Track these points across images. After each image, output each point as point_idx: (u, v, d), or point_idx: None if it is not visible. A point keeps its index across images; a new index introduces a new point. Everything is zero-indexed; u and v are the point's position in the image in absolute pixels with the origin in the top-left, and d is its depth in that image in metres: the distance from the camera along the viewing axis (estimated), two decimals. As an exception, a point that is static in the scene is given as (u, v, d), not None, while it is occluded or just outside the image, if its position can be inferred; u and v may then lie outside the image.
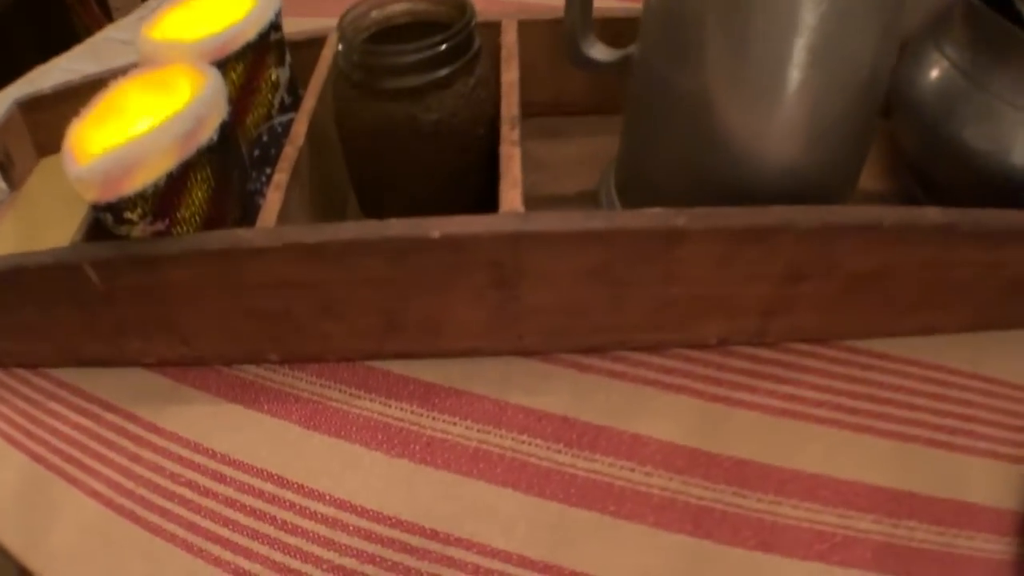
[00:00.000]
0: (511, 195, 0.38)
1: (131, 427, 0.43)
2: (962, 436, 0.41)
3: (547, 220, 0.36)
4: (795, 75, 0.37)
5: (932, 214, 0.39)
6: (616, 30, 0.47)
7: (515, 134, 0.40)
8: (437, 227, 0.36)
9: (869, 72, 0.38)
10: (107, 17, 1.37)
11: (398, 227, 0.37)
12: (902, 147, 0.51)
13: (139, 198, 0.37)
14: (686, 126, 0.40)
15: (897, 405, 0.42)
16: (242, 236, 0.38)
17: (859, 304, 0.43)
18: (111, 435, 0.43)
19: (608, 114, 0.48)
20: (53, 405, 0.45)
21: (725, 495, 0.39)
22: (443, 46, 0.38)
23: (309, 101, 0.44)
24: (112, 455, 0.42)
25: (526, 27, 0.48)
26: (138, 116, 0.40)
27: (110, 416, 0.44)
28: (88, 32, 1.26)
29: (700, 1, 0.37)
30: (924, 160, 0.50)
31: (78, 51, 0.85)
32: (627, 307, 0.40)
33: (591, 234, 0.36)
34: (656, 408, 0.41)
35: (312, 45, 0.50)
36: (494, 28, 0.48)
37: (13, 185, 0.60)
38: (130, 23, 0.85)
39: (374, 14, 0.42)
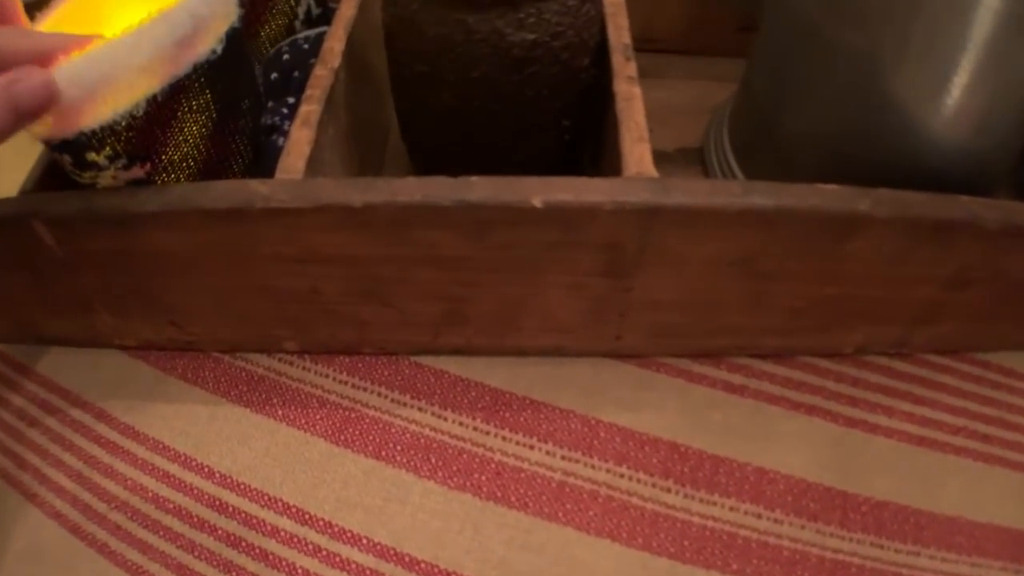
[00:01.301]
0: (637, 151, 0.25)
1: (103, 430, 0.30)
2: None
3: (692, 191, 0.24)
4: (983, 33, 0.25)
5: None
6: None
7: (632, 67, 0.27)
8: (540, 192, 0.23)
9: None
10: None
11: (484, 189, 0.24)
12: None
13: (108, 133, 0.23)
14: (845, 84, 0.28)
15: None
16: (256, 190, 0.24)
17: (1007, 314, 0.32)
18: (78, 439, 0.30)
19: (708, 55, 0.36)
20: (5, 393, 0.31)
21: (863, 546, 0.28)
22: (550, -65, 0.24)
23: (347, 9, 0.30)
24: (79, 465, 0.29)
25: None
26: (117, 9, 0.26)
27: (76, 413, 0.31)
28: None
29: None
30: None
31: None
32: (764, 306, 0.28)
33: (750, 213, 0.24)
34: (784, 433, 0.29)
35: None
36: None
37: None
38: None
39: None
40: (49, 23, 0.26)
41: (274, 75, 0.31)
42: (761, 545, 0.27)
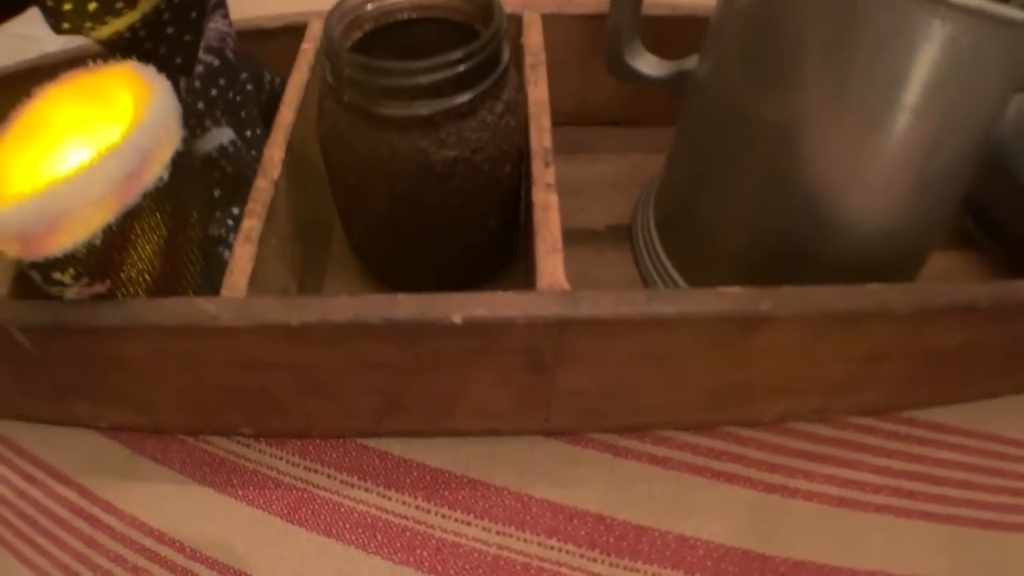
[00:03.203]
0: (551, 263, 0.28)
1: (85, 505, 0.33)
2: (1014, 513, 0.34)
3: (600, 303, 0.27)
4: (906, 118, 0.27)
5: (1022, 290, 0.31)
6: (659, 31, 0.36)
7: (550, 174, 0.30)
8: (459, 309, 0.27)
9: (986, 125, 0.29)
10: None
11: (408, 307, 0.27)
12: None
13: (69, 258, 0.26)
14: (763, 165, 0.30)
15: (953, 484, 0.35)
16: (204, 310, 0.27)
17: (930, 378, 0.34)
18: (63, 512, 0.33)
19: (643, 126, 0.38)
20: None
21: (781, 604, 0.31)
22: (463, 65, 0.27)
23: (287, 115, 0.33)
24: (65, 536, 0.33)
25: (552, 23, 0.37)
26: (68, 135, 0.29)
27: (61, 489, 0.34)
28: None
29: (799, 13, 0.27)
30: (989, 196, 0.41)
31: (30, 14, 0.70)
32: (681, 390, 0.31)
33: (654, 320, 0.27)
34: (704, 502, 0.33)
35: (288, 34, 0.38)
36: (513, 23, 0.37)
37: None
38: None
39: (370, 8, 0.31)
40: (4, 143, 0.29)
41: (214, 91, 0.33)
42: (682, 609, 0.31)
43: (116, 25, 0.34)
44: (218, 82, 0.33)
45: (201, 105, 0.33)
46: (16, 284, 0.32)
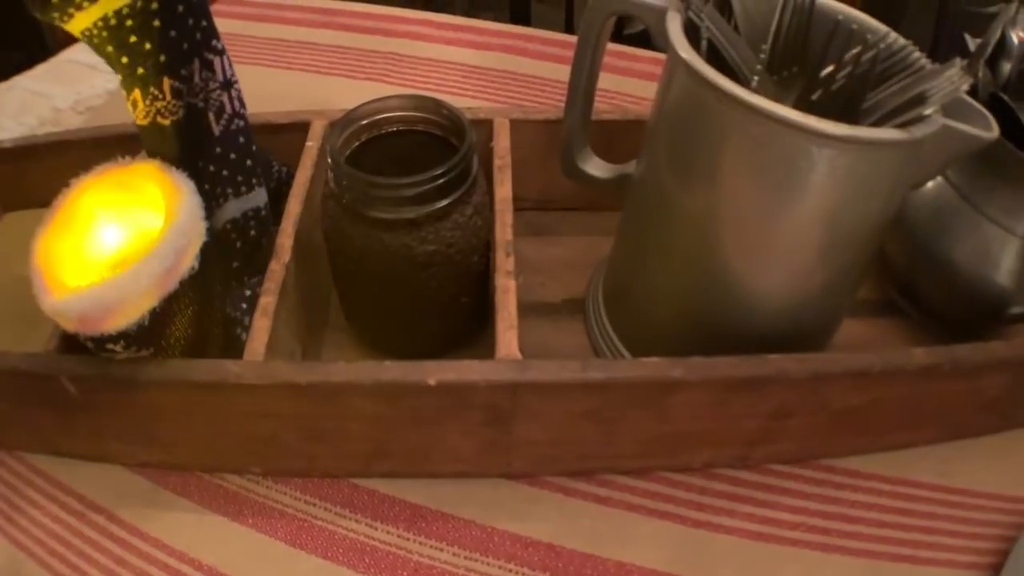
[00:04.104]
0: (507, 337, 0.37)
1: (115, 529, 0.42)
2: (926, 549, 0.43)
3: (544, 370, 0.36)
4: (798, 228, 0.37)
5: (918, 356, 0.40)
6: (610, 135, 0.47)
7: (510, 262, 0.40)
8: (433, 374, 0.36)
9: (874, 224, 0.39)
10: None
11: (393, 371, 0.36)
12: (887, 253, 0.52)
13: (121, 335, 0.36)
14: (681, 253, 0.40)
15: (867, 523, 0.44)
16: (230, 370, 0.37)
17: (840, 431, 0.44)
18: (95, 535, 0.42)
19: (598, 211, 0.48)
20: (31, 493, 0.44)
21: (706, 620, 0.40)
22: (442, 179, 0.37)
23: (295, 206, 0.43)
24: (97, 555, 0.42)
25: (518, 127, 0.48)
26: (111, 230, 0.39)
27: (93, 515, 0.43)
28: (53, 32, 1.18)
29: (710, 131, 0.36)
30: (909, 270, 0.51)
31: (42, 70, 0.81)
32: (617, 440, 0.40)
33: (588, 384, 0.37)
34: (640, 534, 0.42)
35: (294, 129, 0.48)
36: (484, 126, 0.47)
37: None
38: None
39: (364, 122, 0.41)
40: (50, 230, 0.38)
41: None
42: (618, 623, 0.40)
43: (103, 6, 0.37)
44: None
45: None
46: (62, 340, 0.42)
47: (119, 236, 0.38)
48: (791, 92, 0.39)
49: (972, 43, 0.48)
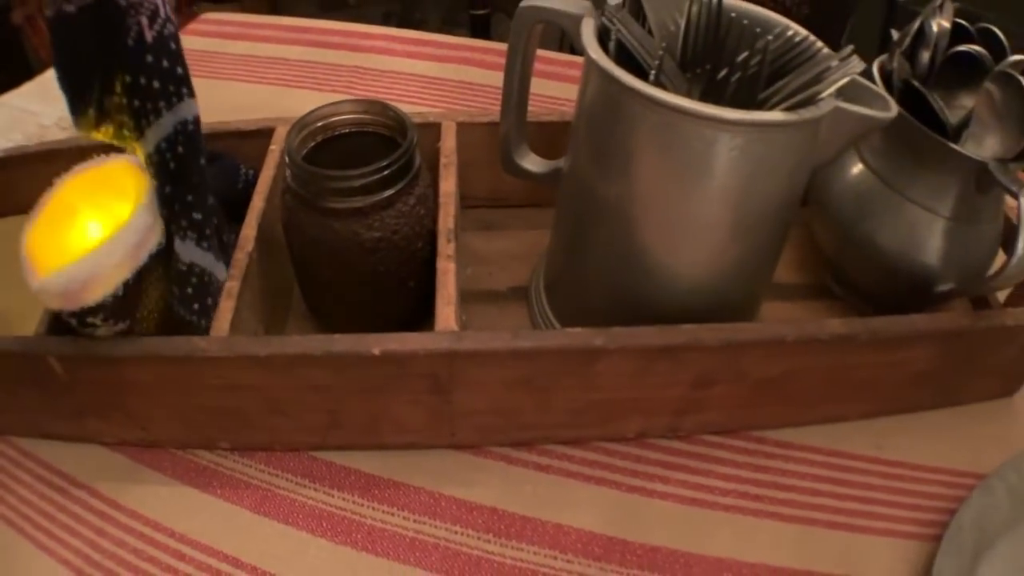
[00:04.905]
0: (445, 312, 0.44)
1: (95, 502, 0.49)
2: (861, 517, 0.49)
3: (478, 339, 0.43)
4: (707, 209, 0.44)
5: (832, 326, 0.47)
6: (551, 133, 0.54)
7: (451, 248, 0.47)
8: (377, 344, 0.43)
9: (781, 202, 0.45)
10: None
11: (341, 343, 0.43)
12: (818, 241, 0.59)
13: (99, 307, 0.42)
14: (606, 239, 0.47)
15: (800, 491, 0.50)
16: (197, 344, 0.44)
17: (766, 401, 0.50)
18: (77, 509, 0.49)
19: (542, 207, 0.55)
20: (19, 473, 0.50)
21: (639, 577, 0.46)
22: (386, 171, 0.44)
23: (258, 202, 0.50)
24: (79, 527, 0.48)
25: (465, 129, 0.55)
26: (88, 216, 0.46)
27: (75, 491, 0.49)
28: (37, 53, 1.29)
29: (622, 123, 0.43)
30: (838, 255, 0.58)
31: (27, 89, 0.90)
32: (552, 409, 0.47)
33: (518, 352, 0.43)
34: (578, 499, 0.48)
35: (260, 136, 0.56)
36: (433, 129, 0.54)
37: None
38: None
39: (319, 124, 0.48)
40: (37, 222, 0.45)
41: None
42: (556, 579, 0.46)
43: None
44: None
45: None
46: (50, 325, 0.48)
47: (97, 224, 0.45)
48: (701, 87, 0.46)
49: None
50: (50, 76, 0.92)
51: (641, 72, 0.43)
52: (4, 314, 0.58)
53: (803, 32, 0.46)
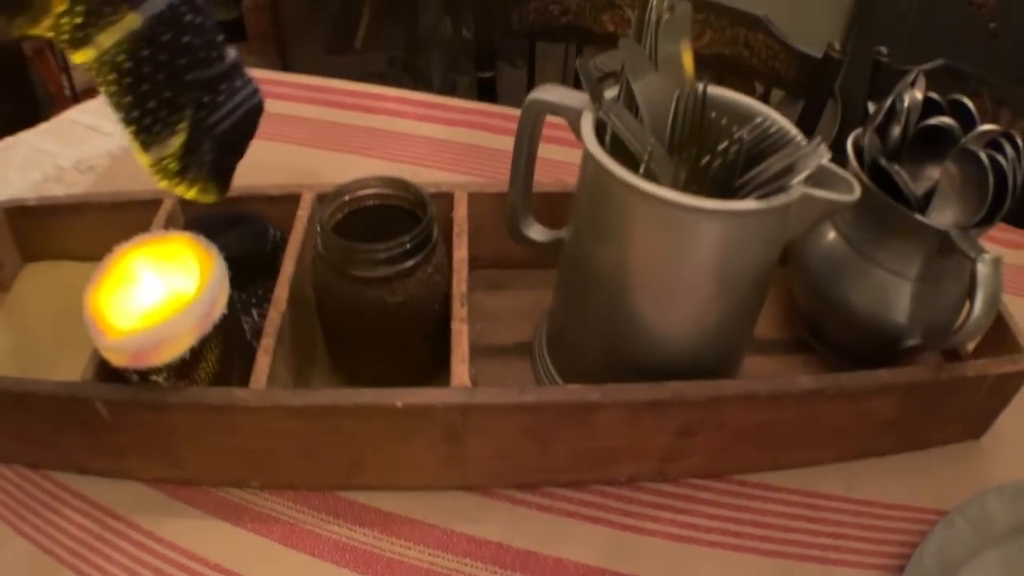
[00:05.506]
0: (460, 370, 0.52)
1: (133, 533, 0.56)
2: (833, 551, 0.57)
3: (489, 394, 0.51)
4: (690, 279, 0.52)
5: (803, 382, 0.55)
6: (552, 204, 0.63)
7: (464, 311, 0.55)
8: (400, 398, 0.51)
9: (755, 274, 0.54)
10: (64, 72, 1.48)
11: (368, 396, 0.51)
12: (796, 299, 0.67)
13: (165, 367, 0.50)
14: (602, 302, 0.55)
15: (777, 528, 0.58)
16: (238, 396, 0.52)
17: (745, 448, 0.58)
18: (114, 539, 0.56)
19: (544, 268, 0.63)
20: (56, 505, 0.57)
21: (629, 609, 0.54)
22: (409, 244, 0.52)
23: (288, 266, 0.58)
24: (118, 556, 0.55)
25: (475, 198, 0.63)
26: (149, 284, 0.54)
27: (112, 522, 0.56)
28: (45, 86, 1.37)
29: (612, 204, 0.52)
30: (814, 313, 0.66)
31: (44, 129, 0.97)
32: (553, 455, 0.55)
33: (524, 406, 0.51)
34: (576, 536, 0.56)
35: (287, 200, 0.64)
36: (447, 198, 0.63)
37: (0, 287, 0.72)
38: (96, 107, 0.98)
39: (347, 198, 0.56)
40: (99, 286, 0.53)
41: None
42: (555, 607, 0.54)
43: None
44: None
45: None
46: (97, 371, 0.55)
47: (156, 290, 0.53)
48: (687, 169, 0.55)
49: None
50: (66, 118, 1.01)
51: (634, 156, 0.51)
52: (37, 348, 0.66)
53: (779, 121, 0.54)
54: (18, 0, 0.45)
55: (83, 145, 0.94)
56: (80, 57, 0.49)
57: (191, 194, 0.54)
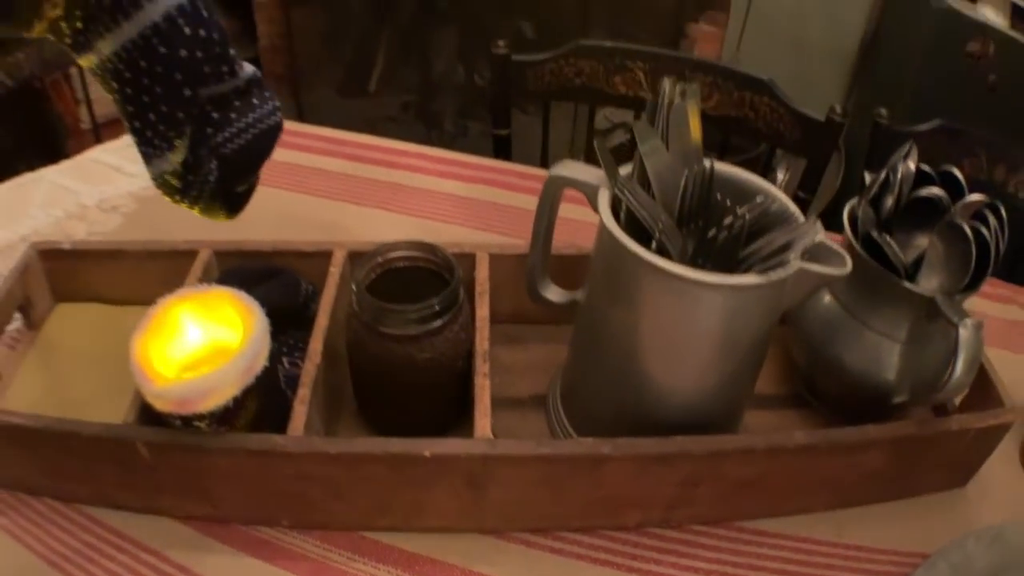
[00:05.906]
0: (482, 423, 0.58)
1: (165, 567, 0.61)
2: None
3: (508, 446, 0.57)
4: (694, 342, 0.59)
5: (797, 437, 0.61)
6: (567, 266, 0.69)
7: (486, 367, 0.61)
8: (427, 447, 0.57)
9: (753, 339, 0.60)
10: (82, 104, 1.55)
11: (398, 445, 0.57)
12: (793, 357, 0.74)
13: (208, 415, 0.56)
14: (613, 360, 0.61)
15: (772, 572, 0.63)
16: (277, 442, 0.57)
17: (743, 497, 0.64)
18: (148, 572, 0.61)
19: (559, 324, 0.69)
20: (88, 538, 0.62)
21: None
22: (437, 307, 0.59)
23: (323, 319, 0.64)
24: None
25: (496, 259, 0.70)
26: (192, 334, 0.60)
27: (145, 556, 0.62)
28: (62, 119, 1.44)
29: (624, 270, 0.58)
30: (810, 371, 0.72)
31: (66, 167, 1.03)
32: (565, 502, 0.61)
33: (540, 457, 0.57)
34: (584, 578, 0.62)
35: (319, 256, 0.70)
36: (469, 258, 0.69)
37: (32, 326, 0.78)
38: (119, 147, 1.04)
39: (379, 259, 0.63)
40: (145, 334, 0.59)
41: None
42: (564, 644, 0.59)
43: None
44: None
45: None
46: (140, 414, 0.61)
47: (198, 341, 0.59)
48: (695, 241, 0.61)
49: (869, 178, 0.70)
50: (88, 157, 1.06)
51: (646, 229, 0.58)
52: (67, 388, 0.71)
53: (779, 197, 0.60)
54: (5, 5, 0.45)
55: (106, 184, 1.01)
56: (85, 62, 0.51)
57: (196, 211, 0.58)
